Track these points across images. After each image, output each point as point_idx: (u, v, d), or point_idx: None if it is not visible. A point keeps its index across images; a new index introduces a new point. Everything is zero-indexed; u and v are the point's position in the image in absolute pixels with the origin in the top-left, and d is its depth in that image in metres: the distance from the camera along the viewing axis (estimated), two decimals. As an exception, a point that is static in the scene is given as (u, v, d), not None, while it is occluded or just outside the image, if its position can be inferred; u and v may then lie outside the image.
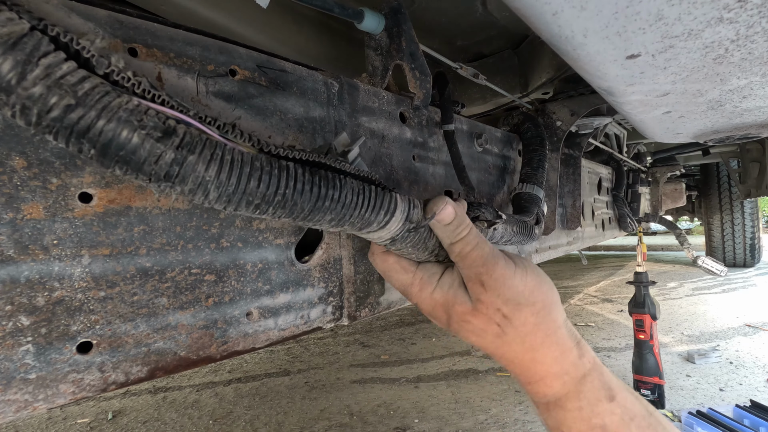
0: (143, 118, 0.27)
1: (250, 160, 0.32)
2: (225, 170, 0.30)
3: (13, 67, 0.23)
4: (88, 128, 0.26)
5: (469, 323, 0.48)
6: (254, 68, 0.46)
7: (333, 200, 0.37)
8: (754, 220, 4.80)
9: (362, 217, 0.40)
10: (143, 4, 0.79)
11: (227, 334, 0.44)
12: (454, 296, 0.49)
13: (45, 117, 0.25)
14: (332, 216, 0.38)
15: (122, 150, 0.27)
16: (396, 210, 0.43)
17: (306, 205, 0.35)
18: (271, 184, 0.33)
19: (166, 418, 2.22)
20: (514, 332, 0.47)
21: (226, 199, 0.31)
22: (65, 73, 0.25)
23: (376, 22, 0.64)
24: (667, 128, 1.11)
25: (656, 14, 0.46)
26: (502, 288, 0.46)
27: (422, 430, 1.97)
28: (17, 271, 0.32)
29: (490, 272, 0.47)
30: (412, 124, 0.69)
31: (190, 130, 0.29)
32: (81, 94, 0.25)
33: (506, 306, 0.46)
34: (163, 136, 0.28)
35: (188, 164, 0.29)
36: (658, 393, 2.13)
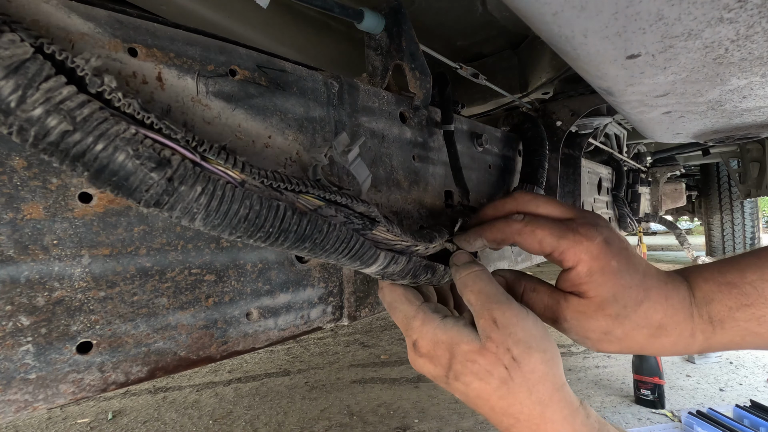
0: (139, 148, 0.28)
1: (240, 197, 0.32)
2: (214, 204, 0.31)
3: (14, 90, 0.24)
4: (84, 153, 0.26)
5: (474, 363, 0.45)
6: (254, 68, 0.46)
7: (314, 243, 0.38)
8: (754, 220, 4.80)
9: (338, 259, 0.42)
10: (143, 4, 0.79)
11: (227, 334, 0.44)
12: (459, 334, 0.46)
13: (42, 140, 0.25)
14: (310, 252, 0.39)
15: (115, 176, 0.27)
16: (374, 263, 0.45)
17: (286, 243, 0.36)
18: (257, 221, 0.33)
19: (166, 418, 2.22)
20: (522, 378, 0.43)
21: (210, 227, 0.32)
22: (65, 98, 0.25)
23: (376, 22, 0.64)
24: (667, 128, 1.11)
25: (656, 14, 0.46)
26: (515, 327, 0.44)
27: (422, 430, 1.97)
28: (17, 271, 0.32)
29: (503, 309, 0.45)
30: (412, 124, 0.69)
31: (185, 162, 0.30)
32: (79, 120, 0.25)
33: (517, 347, 0.44)
34: (157, 167, 0.28)
35: (178, 195, 0.29)
36: (658, 393, 2.13)
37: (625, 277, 0.47)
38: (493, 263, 0.94)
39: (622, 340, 0.47)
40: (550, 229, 0.49)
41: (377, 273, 0.47)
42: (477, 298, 0.47)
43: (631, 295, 0.47)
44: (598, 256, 0.47)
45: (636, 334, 0.47)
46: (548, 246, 0.49)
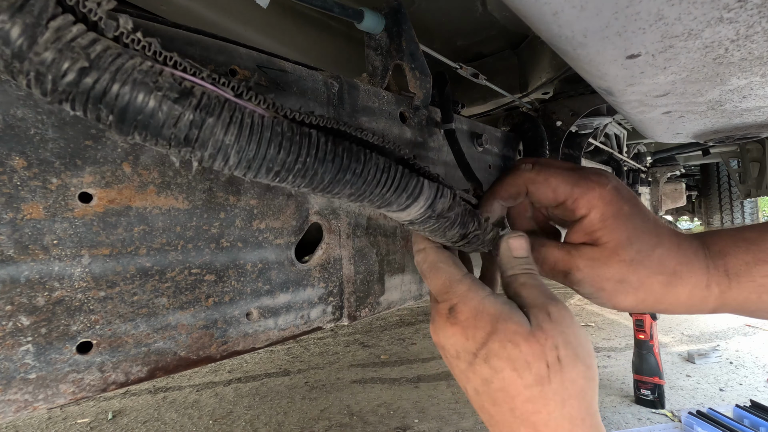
0: (158, 80, 0.26)
1: (271, 124, 0.30)
2: (245, 134, 0.29)
3: (23, 31, 0.23)
4: (104, 92, 0.25)
5: (516, 347, 0.39)
6: (254, 68, 0.46)
7: (355, 174, 0.35)
8: (754, 220, 4.80)
9: (382, 196, 0.38)
10: (143, 4, 0.79)
11: (227, 334, 0.44)
12: (509, 312, 0.42)
13: (60, 83, 0.24)
14: (352, 190, 0.36)
15: (140, 114, 0.26)
16: (420, 196, 0.41)
17: (326, 176, 0.34)
18: (292, 151, 0.31)
19: (166, 418, 2.22)
20: (560, 386, 0.39)
21: (246, 165, 0.30)
22: (75, 36, 0.24)
23: (376, 22, 0.64)
24: (667, 128, 1.11)
25: (656, 14, 0.46)
26: (568, 328, 0.41)
27: (422, 430, 1.97)
28: (17, 271, 0.32)
29: (560, 307, 0.42)
30: (412, 123, 0.69)
31: (208, 92, 0.28)
32: (94, 57, 0.24)
33: (565, 349, 0.39)
34: (180, 97, 0.27)
35: (207, 127, 0.28)
36: (658, 393, 2.13)
37: (638, 222, 0.47)
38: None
39: (638, 289, 0.46)
40: (563, 176, 0.49)
41: (425, 212, 0.42)
42: (532, 290, 0.44)
43: (645, 239, 0.46)
44: (611, 201, 0.47)
45: (651, 281, 0.46)
46: (562, 193, 0.49)
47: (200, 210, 0.42)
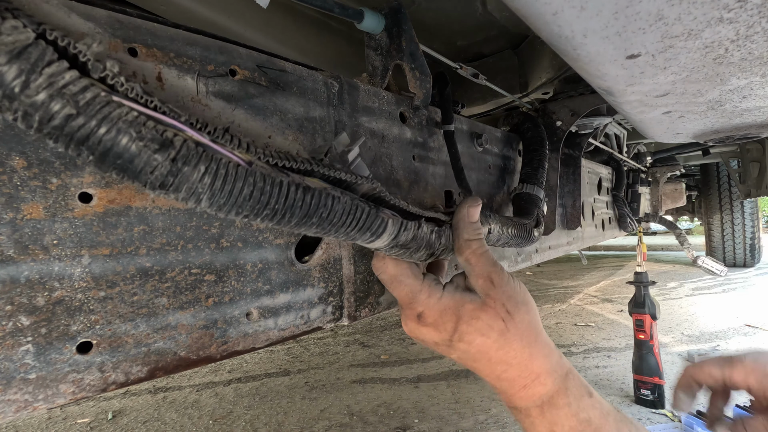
0: (141, 130, 0.28)
1: (244, 174, 0.32)
2: (218, 184, 0.31)
3: (17, 75, 0.24)
4: (88, 137, 0.26)
5: (478, 320, 0.51)
6: (254, 68, 0.46)
7: (321, 218, 0.38)
8: (754, 220, 4.80)
9: (347, 233, 0.42)
10: (143, 4, 0.79)
11: (227, 334, 0.44)
12: (462, 296, 0.53)
13: (46, 125, 0.25)
14: (318, 230, 0.40)
15: (120, 159, 0.28)
16: (383, 233, 0.45)
17: (293, 219, 0.37)
18: (262, 199, 0.34)
19: (166, 418, 2.22)
20: (515, 329, 0.51)
21: (216, 208, 0.32)
22: (68, 83, 0.25)
23: (376, 22, 0.64)
24: (667, 128, 1.11)
25: (656, 14, 0.46)
26: (507, 287, 0.52)
27: (422, 430, 1.97)
28: (17, 271, 0.32)
29: (499, 272, 0.53)
30: (412, 124, 0.69)
31: (188, 143, 0.30)
32: (82, 104, 0.26)
33: (509, 302, 0.51)
34: (160, 148, 0.28)
35: (183, 176, 0.30)
36: (658, 393, 2.13)
37: None
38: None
39: None
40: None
41: (389, 244, 0.47)
42: (479, 259, 0.53)
43: None
44: None
45: None
46: None
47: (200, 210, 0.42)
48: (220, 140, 0.33)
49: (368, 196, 0.45)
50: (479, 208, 0.57)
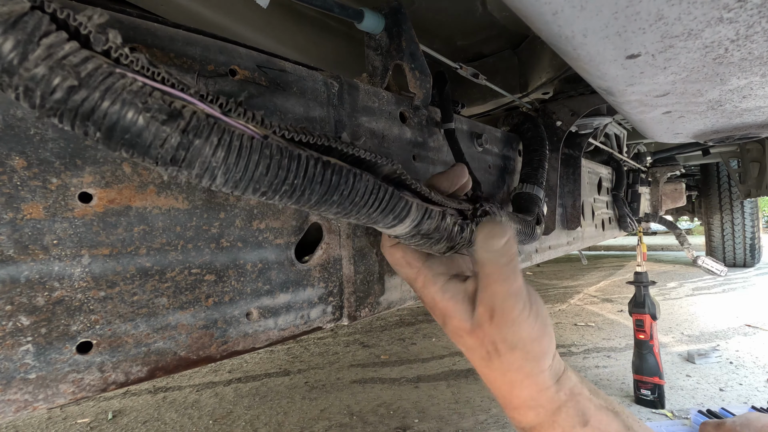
0: (147, 100, 0.26)
1: (260, 147, 0.30)
2: (232, 157, 0.29)
3: (14, 47, 0.23)
4: (93, 110, 0.25)
5: (461, 338, 0.49)
6: (254, 68, 0.46)
7: (342, 195, 0.35)
8: (754, 220, 4.80)
9: (369, 215, 0.39)
10: (143, 4, 0.79)
11: (227, 334, 0.44)
12: (454, 308, 0.49)
13: (48, 99, 0.24)
14: (338, 209, 0.37)
15: (127, 133, 0.26)
16: (406, 218, 0.41)
17: (313, 197, 0.34)
18: (279, 173, 0.31)
19: (166, 418, 2.22)
20: (500, 365, 0.48)
21: (233, 184, 0.30)
22: (67, 54, 0.24)
23: (376, 22, 0.64)
24: (667, 128, 1.11)
25: (656, 14, 0.46)
26: (508, 330, 0.46)
27: (422, 430, 1.97)
28: (17, 271, 0.32)
29: (505, 312, 0.46)
30: (412, 123, 0.69)
31: (197, 114, 0.28)
32: (84, 75, 0.24)
33: (503, 344, 0.46)
34: (168, 119, 0.27)
35: (195, 149, 0.28)
36: (658, 393, 2.13)
37: None
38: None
39: None
40: None
41: (410, 231, 0.43)
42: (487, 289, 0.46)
43: None
44: None
45: None
46: None
47: (200, 210, 0.42)
48: (232, 113, 0.31)
49: (389, 179, 0.42)
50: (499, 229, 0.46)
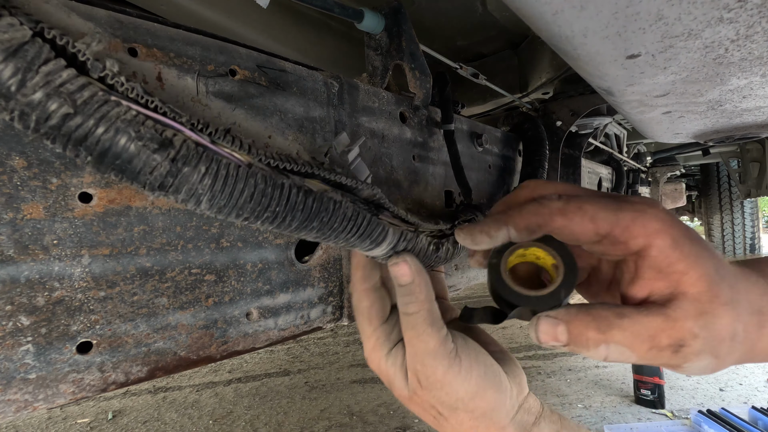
0: (140, 129, 0.27)
1: (245, 175, 0.32)
2: (219, 183, 0.31)
3: (13, 73, 0.23)
4: (86, 137, 0.26)
5: (407, 405, 0.47)
6: (254, 68, 0.46)
7: (322, 222, 0.37)
8: (754, 220, 4.80)
9: (347, 240, 0.41)
10: (143, 4, 0.79)
11: (227, 334, 0.44)
12: (394, 376, 0.46)
13: (43, 125, 0.25)
14: (317, 235, 0.39)
15: (118, 159, 0.27)
16: (383, 242, 0.43)
17: (294, 223, 0.36)
18: (263, 201, 0.33)
19: (166, 418, 2.22)
20: (450, 428, 0.45)
21: (217, 210, 0.32)
22: (65, 81, 0.25)
23: (376, 22, 0.64)
24: (667, 128, 1.11)
25: (656, 14, 0.46)
26: (439, 392, 0.42)
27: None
28: (17, 271, 0.32)
29: (428, 373, 0.42)
30: (412, 124, 0.69)
31: (187, 143, 0.29)
32: (80, 103, 0.25)
33: (441, 407, 0.43)
34: (160, 148, 0.28)
35: (183, 176, 0.29)
36: (658, 393, 2.13)
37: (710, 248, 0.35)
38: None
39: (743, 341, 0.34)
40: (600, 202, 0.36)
41: (387, 253, 0.45)
42: (408, 348, 0.43)
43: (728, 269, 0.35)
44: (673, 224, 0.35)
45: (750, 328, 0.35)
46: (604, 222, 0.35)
47: (200, 210, 0.42)
48: (220, 141, 0.32)
49: (369, 201, 0.44)
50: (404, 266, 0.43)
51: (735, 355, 0.35)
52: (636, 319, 0.34)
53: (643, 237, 0.34)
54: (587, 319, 0.34)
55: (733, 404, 2.11)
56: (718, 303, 0.33)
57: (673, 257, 0.34)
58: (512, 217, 0.39)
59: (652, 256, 0.34)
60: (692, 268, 0.33)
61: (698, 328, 0.33)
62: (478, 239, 0.40)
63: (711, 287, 0.33)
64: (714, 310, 0.33)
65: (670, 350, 0.33)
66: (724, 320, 0.33)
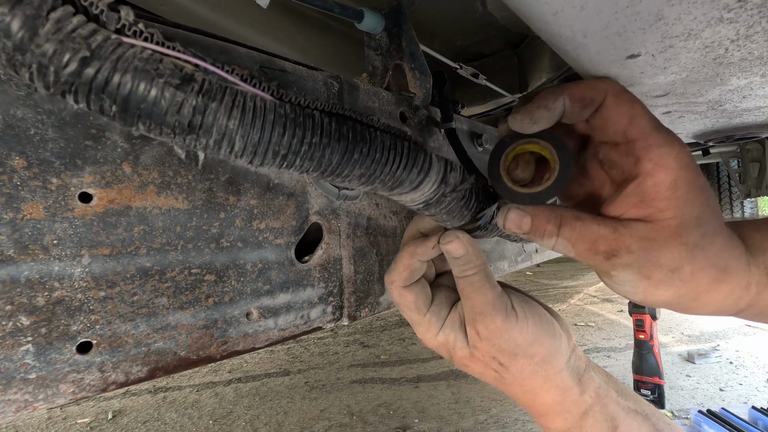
0: (159, 67, 0.26)
1: (274, 107, 0.30)
2: (248, 118, 0.29)
3: (23, 23, 0.23)
4: (107, 82, 0.25)
5: (468, 368, 0.49)
6: (254, 68, 0.46)
7: (362, 153, 0.35)
8: (754, 220, 4.81)
9: (393, 174, 0.37)
10: (143, 4, 0.79)
11: (227, 334, 0.44)
12: (454, 339, 0.49)
13: (62, 74, 0.24)
14: (362, 170, 0.36)
15: (143, 102, 0.26)
16: (430, 170, 0.40)
17: (334, 157, 0.33)
18: (297, 132, 0.31)
19: (166, 418, 2.22)
20: (512, 378, 0.47)
21: (251, 150, 0.30)
22: (76, 27, 0.24)
23: (375, 22, 0.64)
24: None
25: (656, 14, 0.46)
26: (498, 339, 0.46)
27: (422, 430, 1.97)
28: (17, 271, 0.32)
29: (487, 322, 0.45)
30: (412, 123, 0.69)
31: (209, 78, 0.28)
32: (95, 47, 0.24)
33: (502, 355, 0.46)
34: (182, 83, 0.27)
35: (211, 112, 0.28)
36: (658, 393, 2.13)
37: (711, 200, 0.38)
38: (491, 264, 0.94)
39: (686, 282, 0.38)
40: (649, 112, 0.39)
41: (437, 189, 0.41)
42: (466, 306, 0.47)
43: (714, 222, 0.38)
44: (688, 165, 0.36)
45: (702, 275, 0.38)
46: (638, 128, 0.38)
47: (200, 210, 0.42)
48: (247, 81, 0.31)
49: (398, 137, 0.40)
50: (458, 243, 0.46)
51: (673, 289, 0.38)
52: (588, 225, 0.38)
53: (653, 164, 0.36)
54: (550, 215, 0.39)
55: (733, 404, 2.11)
56: (675, 239, 0.36)
57: (663, 194, 0.36)
58: (569, 87, 0.41)
59: (646, 185, 0.37)
60: (672, 208, 0.36)
61: (636, 247, 0.37)
62: (537, 115, 0.40)
63: (680, 227, 0.36)
64: (666, 241, 0.36)
65: (603, 256, 0.38)
66: (670, 254, 0.37)
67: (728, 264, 0.38)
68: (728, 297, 0.39)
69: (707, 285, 0.38)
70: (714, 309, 0.40)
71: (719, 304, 0.40)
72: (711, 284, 0.38)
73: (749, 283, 0.39)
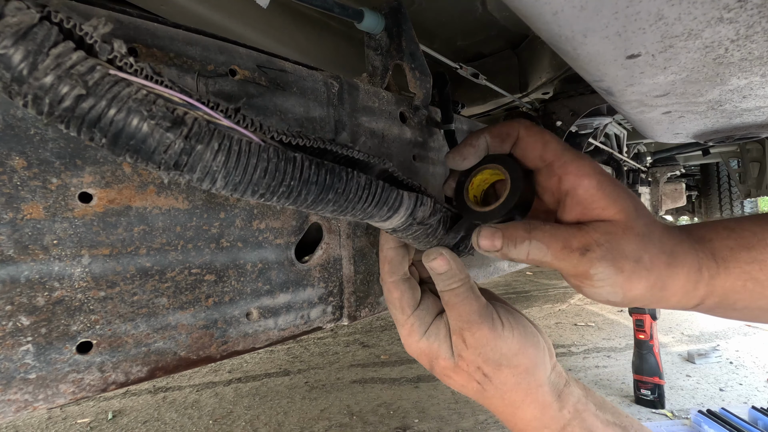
0: (152, 108, 0.27)
1: (257, 150, 0.32)
2: (232, 161, 0.30)
3: (24, 57, 0.23)
4: (99, 118, 0.26)
5: (449, 378, 0.49)
6: (254, 68, 0.46)
7: (337, 193, 0.37)
8: (755, 220, 4.80)
9: (364, 210, 0.40)
10: (143, 4, 0.79)
11: (227, 334, 0.44)
12: (438, 348, 0.49)
13: (57, 107, 0.25)
14: (335, 207, 0.38)
15: (132, 139, 0.27)
16: (400, 208, 0.43)
17: (309, 197, 0.36)
18: (277, 175, 0.33)
19: (166, 418, 2.22)
20: (494, 390, 0.48)
21: (232, 187, 0.32)
22: (75, 63, 0.25)
23: (375, 22, 0.64)
24: (667, 128, 1.11)
25: (656, 14, 0.46)
26: (484, 348, 0.46)
27: (422, 430, 1.97)
28: (17, 271, 0.32)
29: (473, 330, 0.46)
30: (412, 123, 0.69)
31: (199, 120, 0.29)
32: (91, 84, 0.25)
33: (486, 365, 0.47)
34: (172, 126, 0.28)
35: (197, 154, 0.29)
36: (658, 393, 2.13)
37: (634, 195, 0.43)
38: (492, 264, 0.94)
39: (650, 270, 0.40)
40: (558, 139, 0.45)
41: (406, 220, 0.44)
42: (451, 316, 0.48)
43: (646, 212, 0.42)
44: (603, 171, 0.43)
45: (659, 261, 0.41)
46: (552, 152, 0.44)
47: (200, 210, 0.42)
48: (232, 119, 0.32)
49: (383, 176, 0.44)
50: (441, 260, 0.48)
51: (643, 280, 0.40)
52: (556, 226, 0.42)
53: (574, 176, 0.42)
54: (519, 225, 0.43)
55: (733, 404, 2.11)
56: (628, 231, 0.40)
57: (597, 196, 0.41)
58: (489, 128, 0.48)
59: (578, 194, 0.42)
60: (612, 205, 0.41)
61: (603, 239, 0.40)
62: (465, 152, 0.47)
63: (627, 220, 0.41)
64: (623, 233, 0.40)
65: (579, 252, 0.41)
66: (630, 245, 0.40)
67: (673, 249, 0.41)
68: (687, 282, 0.41)
69: (666, 270, 0.41)
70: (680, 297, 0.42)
71: (683, 290, 0.42)
72: (668, 269, 0.41)
73: (700, 267, 0.42)
